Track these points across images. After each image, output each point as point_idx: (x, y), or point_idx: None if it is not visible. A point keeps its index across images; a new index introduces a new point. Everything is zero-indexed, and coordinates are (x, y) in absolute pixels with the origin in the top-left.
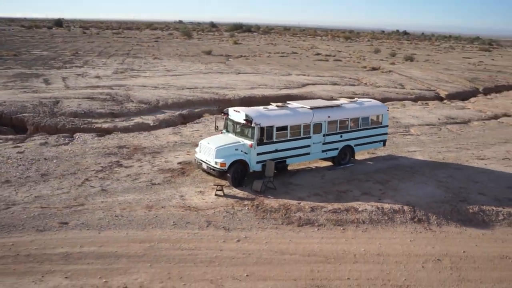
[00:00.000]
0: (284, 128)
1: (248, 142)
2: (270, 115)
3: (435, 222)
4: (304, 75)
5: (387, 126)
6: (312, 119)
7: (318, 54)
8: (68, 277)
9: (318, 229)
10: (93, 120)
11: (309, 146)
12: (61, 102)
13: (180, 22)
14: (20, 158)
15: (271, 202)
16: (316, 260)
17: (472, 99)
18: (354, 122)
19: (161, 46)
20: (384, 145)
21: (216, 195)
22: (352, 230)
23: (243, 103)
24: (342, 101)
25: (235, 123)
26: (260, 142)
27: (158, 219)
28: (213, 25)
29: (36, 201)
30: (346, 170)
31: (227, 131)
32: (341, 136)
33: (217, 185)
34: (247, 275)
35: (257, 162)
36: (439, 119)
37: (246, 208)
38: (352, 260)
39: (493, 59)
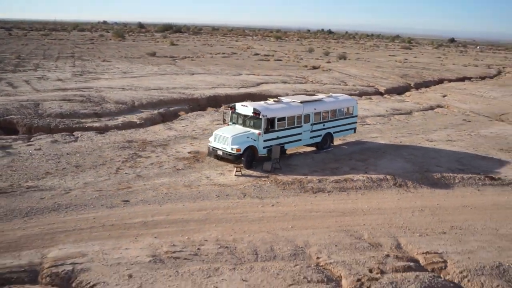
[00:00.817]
0: (283, 119)
1: (255, 131)
2: (272, 108)
3: (412, 186)
4: (254, 74)
5: (356, 116)
6: (303, 111)
7: (257, 54)
8: (157, 237)
9: (328, 194)
10: (82, 120)
11: (300, 133)
12: (41, 104)
13: (105, 22)
14: (43, 154)
15: (284, 178)
16: (336, 214)
17: (407, 93)
18: (333, 113)
19: (101, 48)
20: (354, 132)
21: (235, 175)
22: (353, 194)
23: (210, 101)
24: (321, 95)
25: (241, 115)
26: (266, 131)
27: (202, 194)
28: (141, 25)
29: (87, 186)
30: (329, 153)
31: (234, 123)
32: (323, 125)
33: (236, 167)
34: (291, 227)
35: (264, 147)
36: (386, 111)
37: (268, 182)
38: (362, 213)
39: (415, 57)
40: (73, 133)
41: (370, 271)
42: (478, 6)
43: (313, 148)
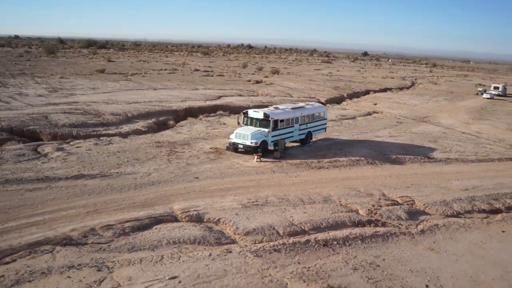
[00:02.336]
0: (282, 121)
1: (265, 129)
2: (276, 113)
3: (379, 163)
4: (209, 89)
5: (326, 119)
6: (294, 115)
7: (197, 70)
8: (236, 195)
9: (328, 170)
10: (95, 129)
11: (293, 132)
12: (49, 116)
13: (17, 37)
14: (97, 152)
15: (293, 161)
16: (339, 180)
17: (344, 103)
18: (312, 116)
19: (43, 65)
20: (325, 131)
21: (256, 161)
22: (344, 169)
23: (187, 112)
24: (302, 104)
25: (253, 118)
26: (273, 129)
27: (244, 172)
28: (61, 41)
29: (158, 171)
30: (311, 146)
31: (246, 124)
32: (306, 125)
33: (257, 155)
34: (315, 187)
35: (272, 142)
36: (336, 116)
37: (284, 164)
38: (354, 179)
39: (338, 70)
40: (100, 138)
41: (373, 205)
42: (387, 21)
43: (298, 144)
